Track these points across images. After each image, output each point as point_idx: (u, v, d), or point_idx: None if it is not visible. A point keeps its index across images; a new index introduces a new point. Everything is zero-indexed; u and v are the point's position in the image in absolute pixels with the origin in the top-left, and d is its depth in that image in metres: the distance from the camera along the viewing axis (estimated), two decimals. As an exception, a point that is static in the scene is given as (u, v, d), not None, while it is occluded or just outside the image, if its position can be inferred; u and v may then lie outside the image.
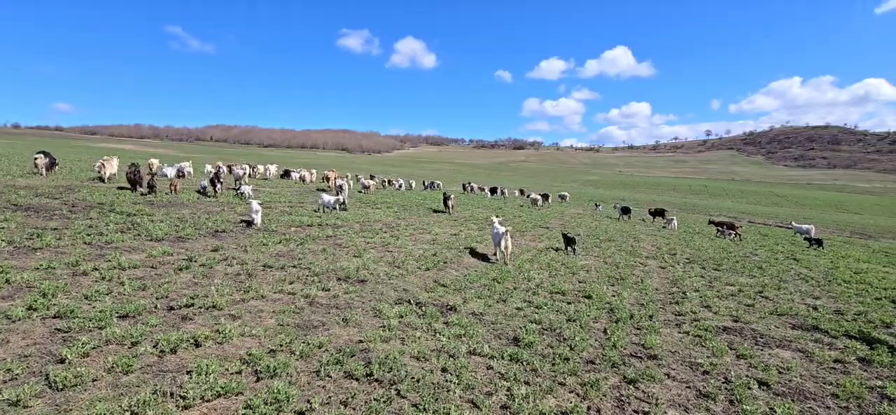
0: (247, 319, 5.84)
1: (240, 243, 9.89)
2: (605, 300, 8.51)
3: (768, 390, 5.29)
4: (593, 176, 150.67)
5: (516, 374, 5.05)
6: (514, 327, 6.56)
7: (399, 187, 36.48)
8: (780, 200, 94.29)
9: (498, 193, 41.08)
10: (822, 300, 10.00)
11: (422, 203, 24.62)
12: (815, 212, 71.65)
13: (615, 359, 5.71)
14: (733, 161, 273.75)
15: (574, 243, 14.08)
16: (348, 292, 7.38)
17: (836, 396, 5.24)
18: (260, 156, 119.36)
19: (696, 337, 6.88)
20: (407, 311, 6.78)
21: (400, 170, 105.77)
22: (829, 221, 50.44)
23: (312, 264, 8.76)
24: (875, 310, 9.33)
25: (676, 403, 4.82)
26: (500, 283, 9.08)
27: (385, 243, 11.83)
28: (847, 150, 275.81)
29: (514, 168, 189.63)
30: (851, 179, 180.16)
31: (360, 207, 19.27)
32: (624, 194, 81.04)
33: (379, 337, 5.69)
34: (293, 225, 12.95)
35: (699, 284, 10.78)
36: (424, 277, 8.95)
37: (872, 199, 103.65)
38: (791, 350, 6.68)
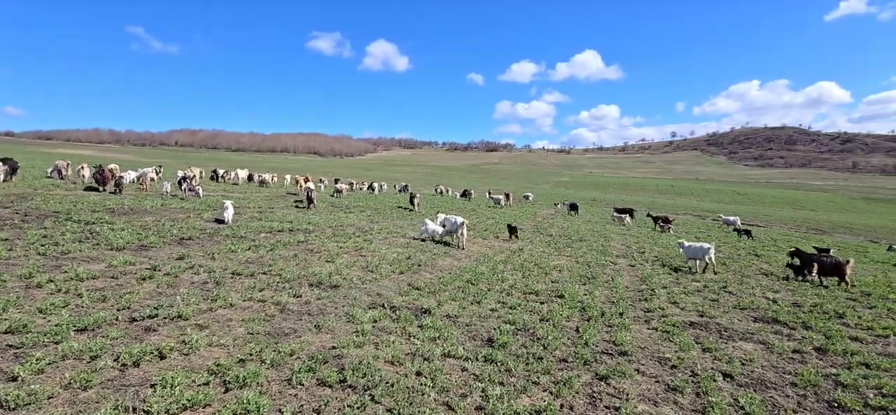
0: (215, 328, 5.66)
1: (207, 251, 9.59)
2: (578, 299, 8.66)
3: (732, 381, 5.49)
4: (565, 177, 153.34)
5: (491, 375, 5.08)
6: (489, 329, 6.60)
7: (381, 189, 37.62)
8: (742, 198, 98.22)
9: (468, 195, 41.48)
10: (781, 294, 10.45)
11: (395, 206, 24.49)
12: (774, 209, 74.98)
13: (587, 356, 5.81)
14: (697, 161, 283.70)
15: (516, 232, 17.06)
16: (321, 298, 7.26)
17: (795, 384, 5.48)
18: (228, 160, 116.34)
19: (665, 333, 7.09)
20: (381, 315, 6.72)
21: (373, 173, 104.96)
22: (787, 218, 52.83)
23: (283, 271, 8.57)
24: (829, 301, 9.82)
25: (646, 397, 4.94)
26: (474, 284, 9.11)
27: (358, 247, 11.70)
28: (802, 149, 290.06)
29: (487, 170, 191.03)
30: (806, 178, 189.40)
31: (333, 212, 19.02)
32: (595, 195, 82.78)
33: (352, 342, 5.61)
34: (263, 231, 12.66)
35: (667, 281, 11.10)
36: (398, 281, 8.89)
37: (826, 196, 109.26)
38: (753, 342, 6.95)
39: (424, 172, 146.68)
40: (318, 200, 22.21)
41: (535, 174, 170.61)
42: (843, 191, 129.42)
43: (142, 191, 15.78)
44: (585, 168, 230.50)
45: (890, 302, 10.16)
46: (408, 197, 28.11)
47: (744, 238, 23.12)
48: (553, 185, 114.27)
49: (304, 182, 24.22)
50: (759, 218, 50.50)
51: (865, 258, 19.45)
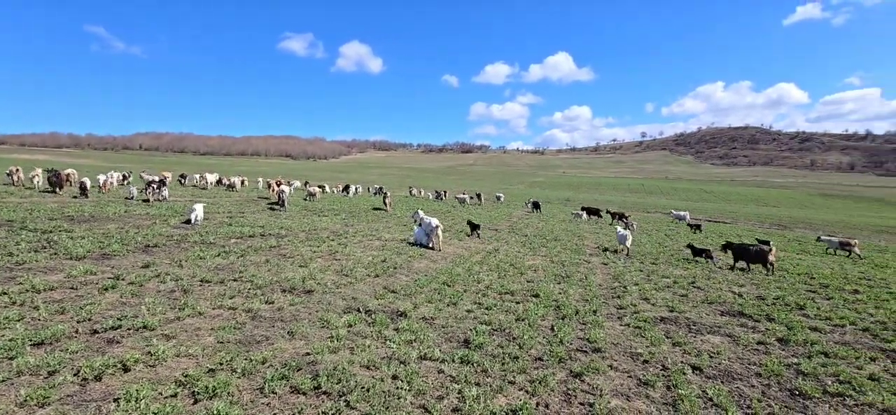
0: (182, 338, 5.47)
1: (174, 258, 9.28)
2: (553, 298, 8.76)
3: (701, 373, 5.65)
4: (539, 178, 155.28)
5: (467, 376, 5.07)
6: (465, 330, 6.60)
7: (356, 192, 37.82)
8: (709, 196, 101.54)
9: (442, 196, 41.87)
10: (746, 287, 10.85)
11: (370, 209, 24.29)
12: (739, 206, 77.81)
13: (562, 354, 5.88)
14: (667, 161, 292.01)
15: (478, 228, 17.41)
16: (294, 304, 7.12)
17: (760, 375, 5.69)
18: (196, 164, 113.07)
19: (636, 328, 7.24)
20: (356, 319, 6.64)
21: (347, 176, 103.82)
22: (751, 215, 54.91)
23: (255, 277, 8.37)
24: (791, 294, 10.25)
25: (619, 392, 5.04)
26: (450, 286, 9.11)
27: (332, 251, 11.54)
28: (764, 148, 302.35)
29: (462, 172, 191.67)
30: (768, 176, 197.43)
31: (306, 216, 18.71)
32: (569, 195, 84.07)
33: (327, 348, 5.52)
34: (233, 236, 12.34)
35: (638, 278, 11.36)
36: (374, 284, 8.81)
37: (787, 193, 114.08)
38: (720, 335, 7.18)
39: (400, 174, 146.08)
40: (290, 204, 21.88)
41: (510, 175, 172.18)
42: (802, 188, 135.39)
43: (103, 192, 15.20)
44: (559, 169, 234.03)
45: (846, 293, 10.68)
46: (381, 198, 28.89)
47: (696, 232, 25.44)
48: (528, 185, 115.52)
49: (276, 185, 23.73)
50: (726, 215, 52.35)
51: (813, 249, 20.39)
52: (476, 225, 17.60)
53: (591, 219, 31.00)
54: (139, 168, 56.98)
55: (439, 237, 13.61)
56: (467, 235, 17.37)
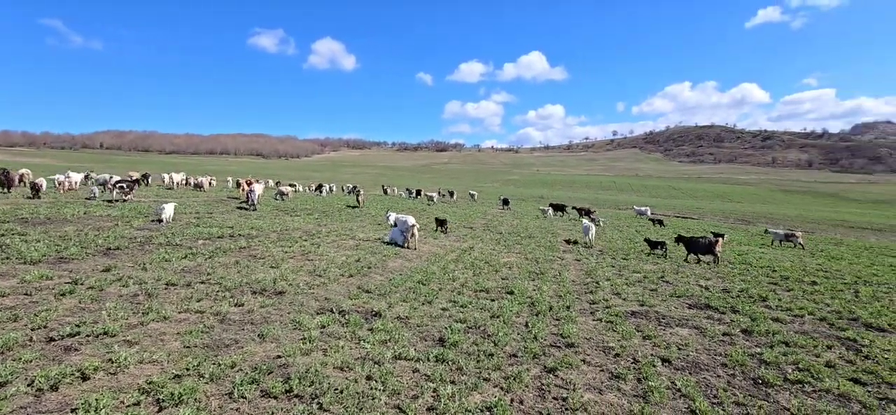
0: (146, 343, 5.26)
1: (137, 261, 8.92)
2: (527, 295, 8.84)
3: (670, 365, 5.80)
4: (514, 176, 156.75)
5: (442, 374, 5.06)
6: (440, 328, 6.58)
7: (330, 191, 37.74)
8: (677, 192, 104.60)
9: (417, 195, 41.89)
10: (713, 281, 11.21)
11: (344, 208, 24.00)
12: (706, 202, 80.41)
13: (536, 350, 5.94)
14: (637, 159, 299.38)
15: (445, 224, 17.96)
16: (264, 306, 6.95)
17: (725, 365, 5.88)
18: (162, 163, 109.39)
19: (609, 323, 7.38)
20: (329, 320, 6.53)
21: (320, 175, 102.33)
22: (717, 211, 56.83)
23: (224, 279, 8.13)
24: (754, 286, 10.65)
25: (592, 386, 5.11)
26: (425, 285, 9.07)
27: (305, 252, 11.33)
28: (729, 146, 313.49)
29: (437, 170, 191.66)
30: (733, 173, 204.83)
31: (278, 216, 18.33)
32: (543, 192, 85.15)
33: (299, 350, 5.41)
34: (201, 237, 11.97)
35: (610, 273, 11.58)
36: (348, 285, 8.69)
37: (750, 189, 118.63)
38: (688, 328, 7.39)
39: (374, 172, 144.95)
40: (260, 203, 21.41)
41: (485, 173, 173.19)
42: (764, 184, 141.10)
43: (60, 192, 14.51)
44: (533, 167, 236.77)
45: (805, 285, 11.17)
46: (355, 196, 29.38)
47: (659, 226, 26.84)
48: (503, 183, 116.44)
49: (246, 185, 23.15)
50: (693, 211, 54.02)
51: (763, 241, 21.29)
52: (443, 220, 18.19)
53: (557, 215, 31.91)
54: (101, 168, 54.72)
55: (415, 236, 13.55)
56: (434, 231, 17.65)
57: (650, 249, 15.82)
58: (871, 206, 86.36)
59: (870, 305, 9.33)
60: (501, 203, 37.13)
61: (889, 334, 7.43)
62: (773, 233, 22.61)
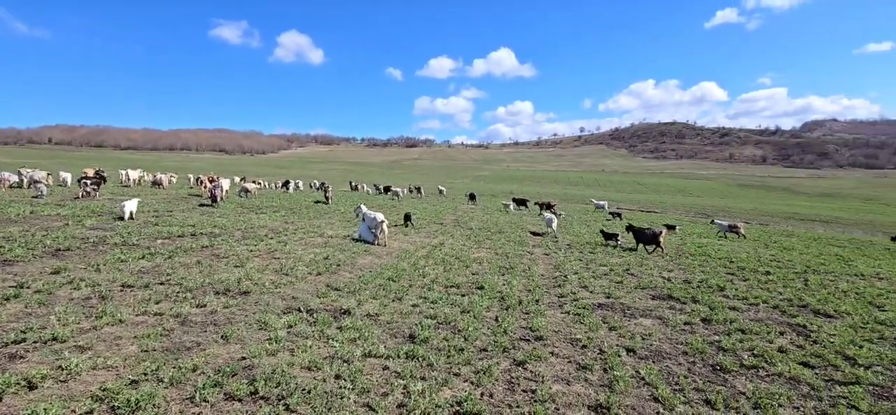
0: (100, 348, 5.00)
1: (90, 262, 8.47)
2: (497, 290, 8.91)
3: (634, 355, 5.96)
4: (484, 172, 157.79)
5: (412, 371, 5.03)
6: (410, 325, 6.55)
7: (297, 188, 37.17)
8: (641, 187, 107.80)
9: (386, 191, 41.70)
10: (675, 272, 11.61)
11: (312, 206, 23.56)
12: (668, 196, 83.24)
13: (506, 344, 5.99)
14: (603, 155, 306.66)
15: (410, 219, 18.34)
16: (228, 306, 6.73)
17: (686, 353, 6.10)
18: (118, 160, 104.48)
19: (576, 315, 7.53)
20: (296, 320, 6.38)
21: (287, 171, 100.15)
22: (679, 204, 58.93)
23: (185, 279, 7.83)
24: (713, 277, 11.09)
25: (560, 377, 5.20)
26: (395, 281, 9.01)
27: (271, 250, 11.05)
28: (689, 143, 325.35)
29: (407, 166, 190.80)
30: (694, 168, 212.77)
31: (242, 213, 17.81)
32: (512, 188, 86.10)
33: (265, 351, 5.27)
34: (160, 237, 11.48)
35: (578, 267, 11.82)
36: (316, 283, 8.52)
37: (709, 184, 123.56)
38: (651, 318, 7.63)
39: (343, 168, 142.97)
40: (224, 200, 20.77)
41: (456, 169, 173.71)
42: (722, 179, 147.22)
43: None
44: (503, 163, 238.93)
45: (759, 274, 11.72)
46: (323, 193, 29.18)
47: (617, 219, 28.44)
48: (473, 179, 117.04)
49: (209, 182, 22.36)
50: (657, 205, 55.85)
51: (730, 235, 22.28)
52: (408, 215, 18.70)
53: (519, 209, 32.87)
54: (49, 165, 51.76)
55: (385, 232, 13.43)
56: (404, 227, 17.77)
57: (605, 240, 16.73)
58: (819, 199, 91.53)
59: (818, 292, 9.88)
60: (468, 198, 37.73)
61: (835, 320, 7.88)
62: (718, 224, 24.08)
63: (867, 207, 75.03)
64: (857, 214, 59.05)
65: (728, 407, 4.68)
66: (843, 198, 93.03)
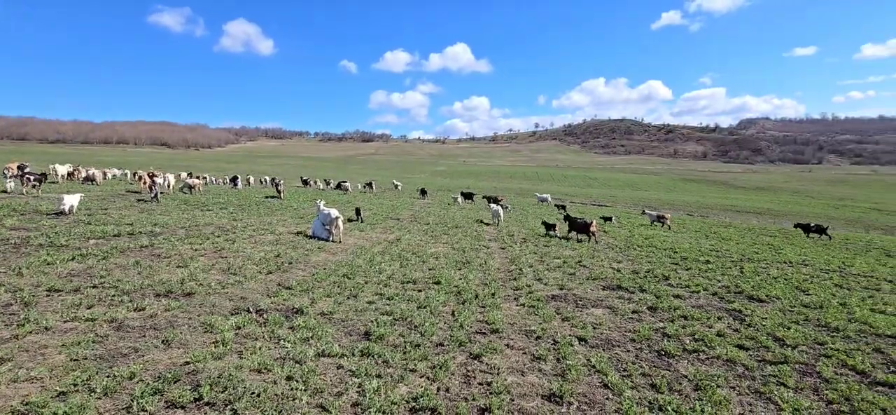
0: (22, 359, 4.58)
1: (11, 265, 7.75)
2: (454, 284, 8.92)
3: (586, 344, 6.15)
4: (441, 167, 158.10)
5: (368, 369, 4.94)
6: (366, 322, 6.43)
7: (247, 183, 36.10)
8: (593, 182, 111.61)
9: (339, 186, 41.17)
10: (624, 263, 12.08)
11: (263, 202, 22.72)
12: (618, 190, 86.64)
13: (462, 338, 6.01)
14: (557, 150, 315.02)
15: (360, 214, 18.42)
16: (170, 309, 6.35)
17: (634, 340, 6.35)
18: (44, 154, 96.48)
19: (531, 307, 7.67)
20: (245, 320, 6.12)
21: (236, 166, 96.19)
22: (628, 198, 61.48)
23: (121, 282, 7.31)
24: (659, 267, 11.63)
25: (515, 369, 5.28)
26: (350, 278, 8.83)
27: (218, 248, 10.54)
28: (637, 139, 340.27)
29: (363, 161, 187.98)
30: (641, 163, 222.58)
31: (186, 211, 16.90)
32: (469, 182, 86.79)
33: (210, 355, 5.00)
34: (93, 236, 10.68)
35: (532, 260, 12.05)
36: (266, 282, 8.21)
37: (656, 178, 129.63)
38: (602, 308, 7.89)
39: (296, 163, 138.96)
40: (166, 194, 19.64)
41: (413, 164, 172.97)
42: (667, 174, 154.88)
43: None
44: (460, 158, 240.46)
45: (700, 263, 12.41)
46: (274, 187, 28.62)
47: (561, 211, 29.60)
48: (430, 175, 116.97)
49: (148, 177, 21.03)
50: (608, 199, 58.00)
51: (676, 227, 23.50)
52: (358, 209, 18.87)
53: (466, 202, 33.95)
54: (-35, 159, 47.02)
55: (340, 229, 13.13)
56: (357, 222, 17.72)
57: (546, 231, 17.80)
58: (753, 192, 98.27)
59: (752, 279, 10.59)
60: (419, 193, 38.18)
61: (766, 304, 8.47)
62: (648, 214, 26.17)
63: (795, 199, 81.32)
64: (787, 205, 63.90)
65: (672, 390, 4.91)
66: (775, 191, 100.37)
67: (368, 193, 38.77)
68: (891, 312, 8.27)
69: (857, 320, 7.59)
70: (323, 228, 13.22)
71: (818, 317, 7.70)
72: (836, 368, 5.66)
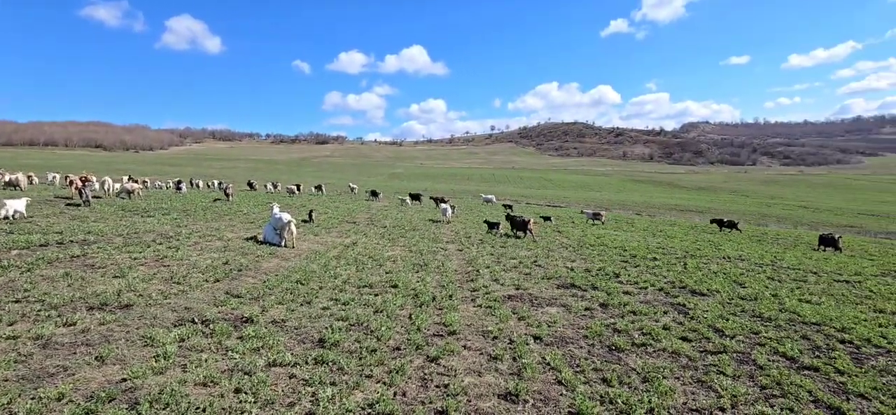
0: (-73, 385, 4.12)
1: (-82, 280, 6.97)
2: (411, 287, 8.86)
3: (541, 342, 6.26)
4: (398, 169, 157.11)
5: (322, 376, 4.80)
6: (320, 329, 6.26)
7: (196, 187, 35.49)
8: (548, 183, 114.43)
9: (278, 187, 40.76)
10: (577, 262, 12.43)
11: (210, 206, 21.70)
12: (571, 192, 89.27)
13: (419, 341, 5.96)
14: (513, 152, 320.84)
15: (311, 215, 18.81)
16: (105, 323, 5.91)
17: (587, 336, 6.54)
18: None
19: (488, 308, 7.73)
20: (190, 332, 5.79)
21: (181, 169, 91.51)
22: (580, 199, 63.47)
23: (48, 295, 6.74)
24: (610, 265, 12.05)
25: (472, 370, 5.29)
26: (304, 284, 8.58)
27: (160, 257, 9.94)
28: (589, 141, 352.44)
29: (317, 163, 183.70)
30: (593, 165, 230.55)
31: (125, 217, 15.87)
32: (426, 184, 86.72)
33: (151, 369, 4.70)
34: (15, 247, 9.79)
35: (489, 261, 12.18)
36: (213, 290, 7.82)
37: (606, 179, 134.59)
38: (556, 306, 8.08)
39: (246, 166, 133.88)
40: (101, 202, 18.36)
41: (369, 166, 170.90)
42: (617, 175, 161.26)
43: None
44: (417, 160, 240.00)
45: (648, 261, 12.97)
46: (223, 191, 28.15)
47: (509, 210, 30.68)
48: (387, 177, 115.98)
49: (80, 181, 19.52)
50: (561, 200, 59.66)
51: (625, 227, 24.52)
52: (311, 212, 19.30)
53: (414, 203, 34.67)
54: None
55: (293, 233, 12.72)
56: (306, 221, 17.86)
57: (488, 229, 18.70)
58: (695, 192, 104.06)
59: (694, 274, 11.18)
60: (370, 194, 38.46)
61: (708, 298, 8.96)
62: (585, 213, 27.73)
63: (732, 198, 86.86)
64: (725, 204, 68.18)
65: (621, 383, 5.09)
66: (715, 191, 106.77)
67: (319, 195, 38.04)
68: (815, 301, 8.97)
69: (787, 309, 8.17)
70: (275, 232, 12.77)
71: (753, 308, 8.23)
72: (769, 355, 6.06)
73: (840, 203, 73.07)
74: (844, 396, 5.02)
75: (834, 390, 5.15)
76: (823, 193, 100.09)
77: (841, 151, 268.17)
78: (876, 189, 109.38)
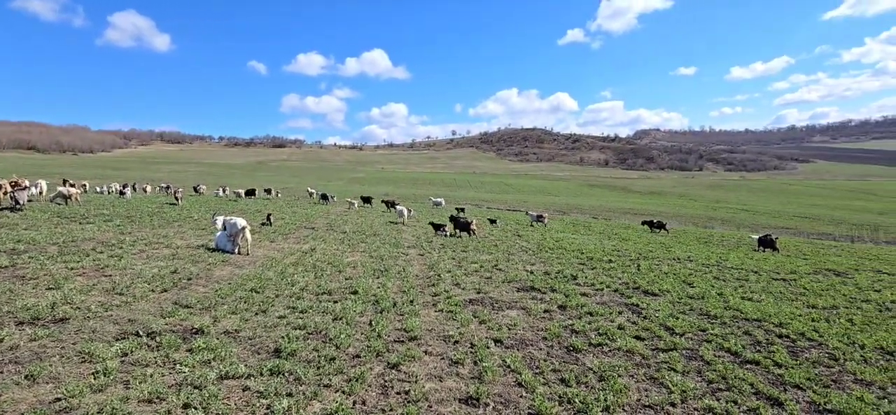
0: None
1: None
2: (371, 293, 8.73)
3: (501, 345, 6.32)
4: (360, 173, 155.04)
5: (277, 388, 4.63)
6: (276, 338, 6.04)
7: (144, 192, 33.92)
8: (508, 188, 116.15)
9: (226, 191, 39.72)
10: (537, 265, 12.65)
11: (157, 212, 20.61)
12: (531, 196, 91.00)
13: (379, 348, 5.88)
14: (474, 157, 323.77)
15: (270, 218, 19.31)
16: (37, 338, 5.46)
17: (546, 338, 6.65)
18: None
19: (449, 313, 7.72)
20: (134, 346, 5.45)
21: (126, 173, 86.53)
22: (540, 203, 64.76)
23: (-29, 309, 6.17)
24: (568, 267, 12.34)
25: (433, 375, 5.26)
26: (259, 292, 8.27)
27: (100, 266, 9.32)
28: (548, 147, 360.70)
29: (275, 167, 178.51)
30: (552, 170, 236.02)
31: (61, 224, 14.81)
32: (388, 189, 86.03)
33: (89, 387, 4.38)
34: (-65, 257, 8.93)
35: (451, 265, 12.19)
36: (160, 301, 7.40)
37: (564, 184, 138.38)
38: (516, 309, 8.18)
39: (198, 170, 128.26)
40: (32, 207, 17.06)
41: (329, 170, 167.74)
42: (574, 180, 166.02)
43: None
44: (378, 164, 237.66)
45: (604, 263, 13.38)
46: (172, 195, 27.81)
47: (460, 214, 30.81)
48: (348, 181, 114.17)
49: (9, 186, 18.06)
50: (521, 204, 60.68)
51: (583, 230, 25.25)
52: (269, 215, 19.65)
53: (364, 206, 34.82)
54: None
55: (248, 240, 12.27)
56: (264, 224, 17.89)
57: (435, 231, 19.26)
58: (648, 196, 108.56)
59: (647, 275, 11.63)
60: (320, 198, 38.08)
61: (659, 297, 9.34)
62: (530, 215, 28.41)
63: (681, 202, 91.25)
64: (674, 208, 71.51)
65: (579, 383, 5.20)
66: (664, 195, 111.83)
67: (269, 199, 37.19)
68: (756, 299, 9.54)
69: (731, 307, 8.64)
70: (228, 239, 12.25)
71: (701, 307, 8.64)
72: (716, 351, 6.38)
73: (777, 206, 78.27)
74: (782, 387, 5.35)
75: (773, 381, 5.48)
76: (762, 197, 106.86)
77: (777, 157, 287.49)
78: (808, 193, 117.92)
